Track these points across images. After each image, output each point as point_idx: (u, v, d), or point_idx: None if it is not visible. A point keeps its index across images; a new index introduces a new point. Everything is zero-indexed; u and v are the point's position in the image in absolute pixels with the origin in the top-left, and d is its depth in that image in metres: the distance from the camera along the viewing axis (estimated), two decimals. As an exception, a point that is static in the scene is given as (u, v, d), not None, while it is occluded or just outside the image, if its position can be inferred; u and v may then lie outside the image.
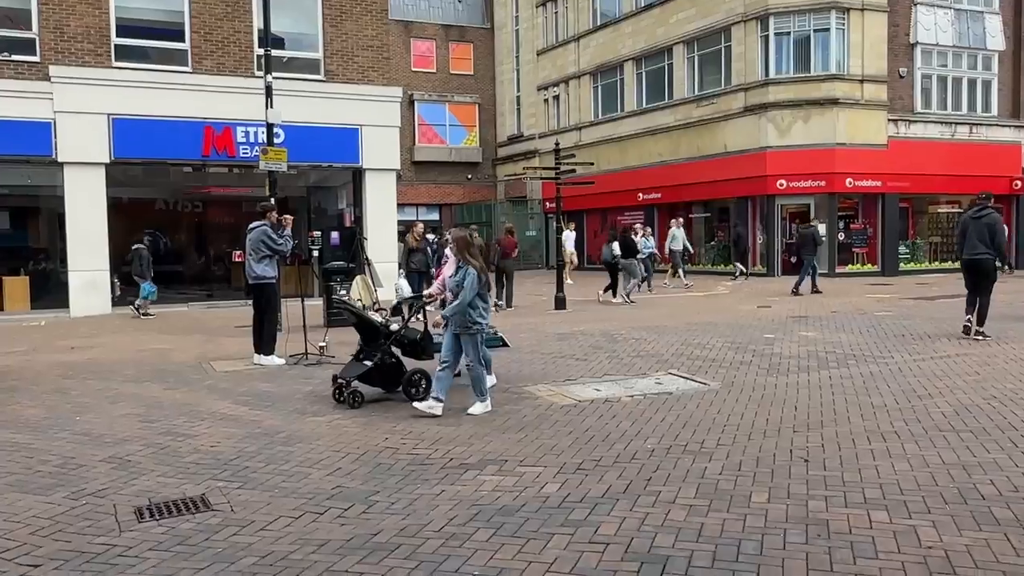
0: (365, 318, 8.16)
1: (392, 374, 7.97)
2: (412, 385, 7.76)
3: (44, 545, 4.42)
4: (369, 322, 8.11)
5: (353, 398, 7.61)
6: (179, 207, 23.10)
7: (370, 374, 7.82)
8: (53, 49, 17.05)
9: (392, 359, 8.03)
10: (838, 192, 24.90)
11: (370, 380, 7.84)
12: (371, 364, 7.81)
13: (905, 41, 25.68)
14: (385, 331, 8.02)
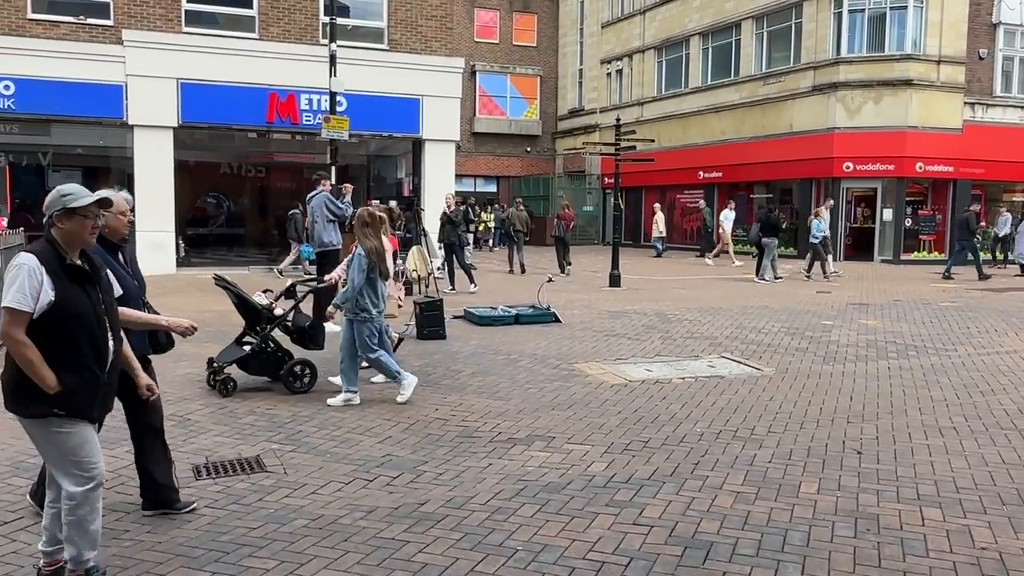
0: (245, 299, 7.40)
1: (272, 362, 7.32)
2: (293, 376, 7.09)
3: (107, 496, 4.57)
4: (250, 304, 7.40)
5: (224, 385, 7.01)
6: (242, 171, 23.58)
7: (247, 360, 7.24)
8: (126, 13, 17.43)
9: (272, 346, 7.38)
10: (907, 177, 24.12)
11: (247, 367, 7.28)
12: (248, 350, 7.23)
13: (987, 21, 24.60)
14: (267, 315, 7.37)
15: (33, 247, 3.41)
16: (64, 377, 3.31)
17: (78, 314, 3.35)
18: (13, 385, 3.38)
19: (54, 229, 3.40)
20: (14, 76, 16.61)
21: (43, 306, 3.27)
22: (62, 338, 3.33)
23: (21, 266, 3.28)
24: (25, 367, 3.28)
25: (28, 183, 19.64)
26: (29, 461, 5.18)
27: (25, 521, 4.25)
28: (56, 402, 3.32)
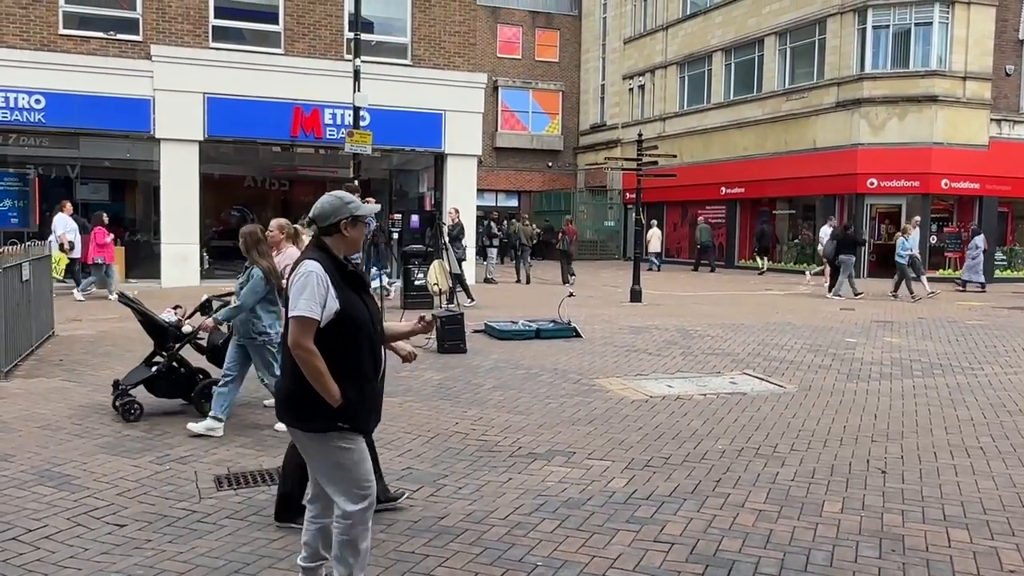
0: (150, 317, 6.92)
1: (182, 383, 6.88)
2: (205, 397, 6.58)
3: (130, 506, 4.64)
4: (155, 322, 6.91)
5: (128, 410, 6.51)
6: (266, 185, 23.82)
7: (154, 382, 6.79)
8: (155, 29, 17.72)
9: (182, 366, 6.96)
10: (932, 193, 23.91)
11: (154, 389, 6.82)
12: (155, 370, 6.80)
13: (1013, 37, 24.40)
14: (175, 333, 6.93)
15: (312, 255, 3.29)
16: (347, 389, 3.20)
17: (361, 323, 3.26)
18: (295, 398, 3.25)
19: (336, 236, 3.32)
20: (45, 90, 16.91)
21: (329, 315, 3.17)
22: (345, 348, 3.22)
23: (309, 274, 3.18)
24: (314, 378, 3.15)
25: (56, 195, 19.94)
26: (54, 470, 5.23)
27: (50, 529, 4.29)
28: (340, 416, 3.20)
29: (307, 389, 3.18)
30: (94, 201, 20.67)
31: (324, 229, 3.33)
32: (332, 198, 3.37)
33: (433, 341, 10.11)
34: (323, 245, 3.32)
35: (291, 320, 3.16)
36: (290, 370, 3.26)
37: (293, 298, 3.18)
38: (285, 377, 3.33)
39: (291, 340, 3.15)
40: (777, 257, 27.85)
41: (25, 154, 18.31)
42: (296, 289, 3.18)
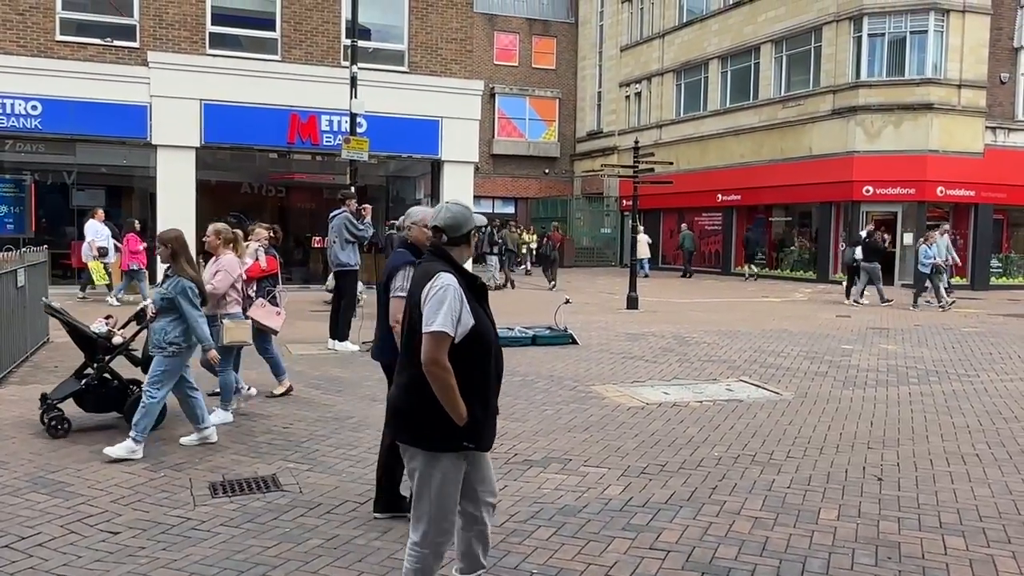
0: (77, 328, 6.56)
1: (113, 396, 6.49)
2: None
3: (124, 513, 4.62)
4: (83, 333, 6.55)
5: (55, 425, 6.14)
6: (263, 191, 23.76)
7: (83, 396, 6.41)
8: (152, 36, 17.73)
9: (114, 379, 6.56)
10: (928, 201, 23.98)
11: (83, 403, 6.44)
12: (84, 384, 6.43)
13: (1008, 45, 24.51)
14: (104, 344, 6.55)
15: (444, 267, 3.15)
16: (474, 407, 3.08)
17: (489, 338, 3.15)
18: (416, 415, 3.12)
19: (463, 247, 3.24)
20: (41, 96, 16.91)
21: (465, 330, 3.06)
22: (474, 364, 3.10)
23: (447, 287, 3.05)
24: (444, 395, 3.02)
25: (52, 201, 19.92)
26: (48, 477, 5.21)
27: (43, 536, 4.27)
28: (467, 435, 3.09)
29: (431, 406, 3.06)
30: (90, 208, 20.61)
31: (454, 239, 3.23)
32: (461, 208, 3.27)
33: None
34: (447, 256, 3.20)
35: (427, 336, 3.01)
36: (413, 386, 3.12)
37: (429, 312, 3.03)
38: (405, 393, 3.18)
39: (426, 356, 3.00)
40: (774, 264, 27.94)
41: (21, 160, 18.28)
42: (433, 303, 3.03)
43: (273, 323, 7.62)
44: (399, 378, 3.26)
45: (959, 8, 23.47)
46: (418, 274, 3.21)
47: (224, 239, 6.87)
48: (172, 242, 5.94)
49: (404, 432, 3.21)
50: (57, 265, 16.90)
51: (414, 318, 3.13)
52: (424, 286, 3.10)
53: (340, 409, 7.26)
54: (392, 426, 3.27)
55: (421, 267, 3.25)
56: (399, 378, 3.26)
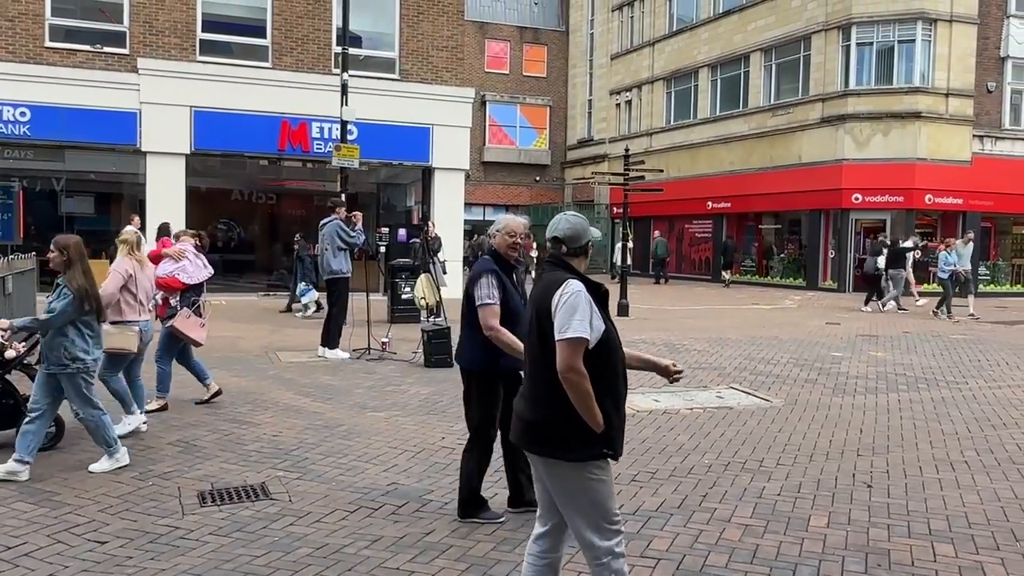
0: None
1: (7, 413, 6.02)
2: None
3: (111, 522, 4.59)
4: None
5: None
6: (253, 198, 23.75)
7: None
8: (142, 42, 17.69)
9: (8, 395, 6.04)
10: (916, 208, 24.13)
11: None
12: None
13: (995, 54, 24.72)
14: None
15: (568, 274, 3.15)
16: (609, 413, 3.04)
17: (617, 344, 3.12)
18: (556, 425, 3.06)
19: (582, 258, 3.24)
20: (30, 103, 16.84)
21: (597, 336, 3.03)
22: (605, 370, 3.07)
23: (578, 293, 3.02)
24: (582, 401, 2.98)
25: (41, 208, 19.84)
26: (35, 486, 5.17)
27: (30, 546, 4.23)
28: (605, 443, 3.04)
29: (570, 415, 3.01)
30: (79, 215, 20.55)
31: (573, 250, 3.23)
32: (578, 219, 3.27)
33: (420, 355, 10.08)
34: (568, 266, 3.20)
35: (563, 343, 2.97)
36: (548, 396, 3.07)
37: (563, 319, 2.99)
38: (541, 404, 3.12)
39: (563, 363, 2.96)
40: (763, 271, 28.06)
41: (10, 167, 18.19)
42: (566, 310, 3.00)
43: (196, 335, 7.41)
44: (529, 390, 3.21)
45: (946, 18, 23.66)
46: (544, 283, 3.19)
47: (129, 244, 6.56)
48: (69, 249, 5.44)
49: (541, 445, 3.13)
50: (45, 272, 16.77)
51: (543, 328, 3.10)
52: (553, 294, 3.08)
53: (330, 417, 7.23)
54: (527, 440, 3.19)
55: (546, 277, 3.22)
56: (529, 390, 3.21)
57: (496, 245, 4.71)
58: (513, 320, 4.50)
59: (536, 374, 3.16)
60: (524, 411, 3.22)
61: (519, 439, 3.24)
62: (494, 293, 4.54)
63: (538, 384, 3.14)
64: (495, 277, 4.58)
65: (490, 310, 4.52)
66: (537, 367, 3.15)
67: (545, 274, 3.24)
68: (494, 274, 4.59)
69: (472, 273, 4.70)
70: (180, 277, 7.41)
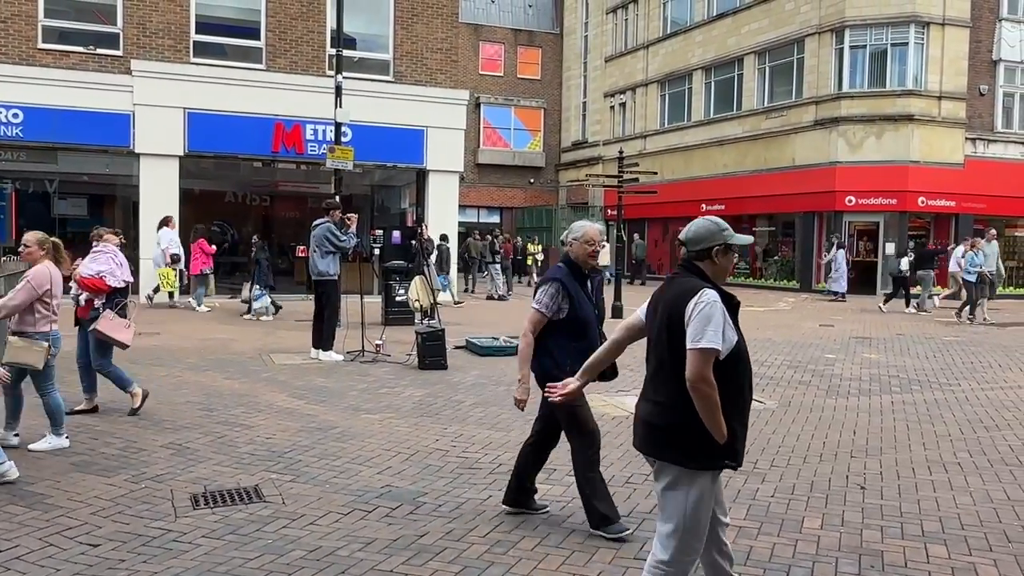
0: None
1: None
2: None
3: (104, 525, 4.57)
4: None
5: None
6: (247, 200, 23.69)
7: None
8: (135, 44, 17.65)
9: None
10: (909, 211, 24.22)
11: None
12: None
13: (987, 58, 24.84)
14: None
15: (701, 282, 3.14)
16: (733, 424, 3.05)
17: (745, 356, 3.12)
18: (682, 432, 3.06)
19: (707, 262, 3.19)
20: (23, 104, 16.79)
21: (729, 347, 3.04)
22: (732, 381, 3.07)
23: (713, 304, 3.02)
24: (709, 412, 2.99)
25: (34, 210, 19.75)
26: (26, 489, 5.14)
27: (21, 549, 4.21)
28: (728, 454, 3.07)
29: (696, 424, 3.01)
30: (72, 216, 20.48)
31: (696, 253, 3.20)
32: (709, 223, 3.24)
33: (414, 357, 10.07)
34: (698, 271, 3.19)
35: (695, 352, 2.97)
36: (674, 403, 3.08)
37: (696, 329, 2.99)
38: (668, 410, 3.12)
39: (694, 374, 2.96)
40: (757, 273, 28.11)
41: (3, 168, 18.13)
42: (700, 319, 3.00)
43: (122, 336, 7.09)
44: (655, 395, 3.20)
45: (939, 21, 23.77)
46: (677, 289, 3.16)
47: (47, 250, 6.12)
48: None
49: (662, 449, 3.15)
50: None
51: (674, 335, 3.08)
52: (687, 302, 3.06)
53: (324, 419, 7.22)
54: (648, 443, 3.20)
55: (679, 283, 3.19)
56: (655, 395, 3.20)
57: (573, 253, 4.60)
58: (581, 331, 4.45)
59: (663, 380, 3.15)
60: (649, 415, 3.21)
61: (641, 443, 3.24)
62: (548, 303, 4.47)
63: (664, 390, 3.15)
64: (559, 287, 4.49)
65: (533, 314, 4.52)
66: (664, 373, 3.15)
67: (677, 279, 3.23)
68: (558, 284, 4.50)
69: (543, 277, 4.66)
70: (108, 279, 7.13)
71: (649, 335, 3.31)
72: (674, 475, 3.11)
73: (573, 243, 4.61)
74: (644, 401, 3.28)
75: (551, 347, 4.51)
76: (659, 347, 3.18)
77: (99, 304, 7.13)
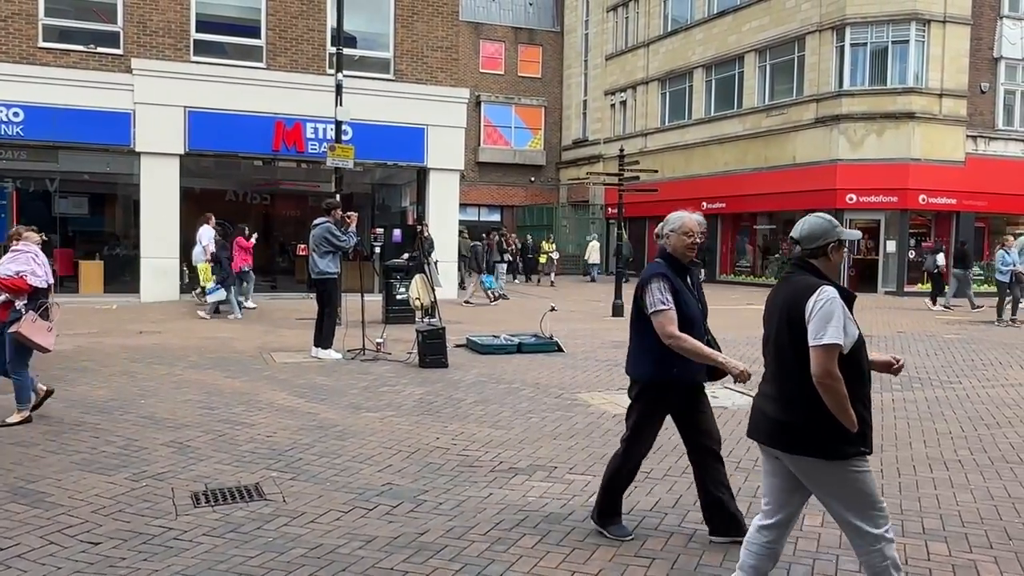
0: None
1: None
2: None
3: (104, 524, 4.57)
4: None
5: None
6: (248, 199, 23.70)
7: None
8: (136, 43, 17.65)
9: None
10: (910, 209, 24.21)
11: None
12: None
13: (988, 55, 24.83)
14: None
15: (818, 279, 3.22)
16: (861, 413, 3.16)
17: (863, 345, 3.23)
18: (814, 427, 3.15)
19: (822, 259, 3.28)
20: (23, 103, 16.79)
21: (852, 340, 3.14)
22: (855, 372, 3.18)
23: (833, 300, 3.12)
24: (839, 404, 3.08)
25: (35, 209, 19.76)
26: (28, 487, 5.15)
27: (22, 547, 4.21)
28: (860, 441, 3.17)
29: (827, 417, 3.11)
30: (73, 215, 20.50)
31: (810, 251, 3.29)
32: (822, 220, 3.33)
33: (414, 356, 10.07)
34: (813, 268, 3.28)
35: (818, 349, 3.07)
36: (801, 399, 3.17)
37: (818, 325, 3.09)
38: (796, 406, 3.21)
39: (820, 369, 3.07)
40: (759, 271, 28.11)
41: (3, 167, 18.14)
42: (821, 316, 3.10)
43: (44, 340, 6.84)
44: (778, 392, 3.28)
45: (940, 19, 23.75)
46: (795, 287, 3.24)
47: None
48: None
49: (799, 445, 3.22)
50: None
51: (795, 332, 3.17)
52: (807, 299, 3.16)
53: (324, 418, 7.22)
54: (780, 440, 3.29)
55: (795, 281, 3.28)
56: (778, 392, 3.28)
57: (671, 246, 4.35)
58: (687, 328, 4.21)
59: (786, 376, 3.24)
60: (775, 412, 3.30)
61: (769, 439, 3.33)
62: (667, 298, 4.20)
63: (789, 386, 3.23)
64: (666, 281, 4.24)
65: (666, 316, 4.18)
66: (786, 370, 3.24)
67: (793, 277, 3.33)
68: (664, 278, 4.25)
69: (641, 277, 4.37)
70: (29, 279, 6.77)
71: (766, 336, 3.43)
72: (817, 469, 3.22)
73: (670, 235, 4.35)
74: (766, 398, 3.37)
75: (655, 347, 4.25)
76: (780, 345, 3.28)
77: (20, 306, 6.78)
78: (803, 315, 3.15)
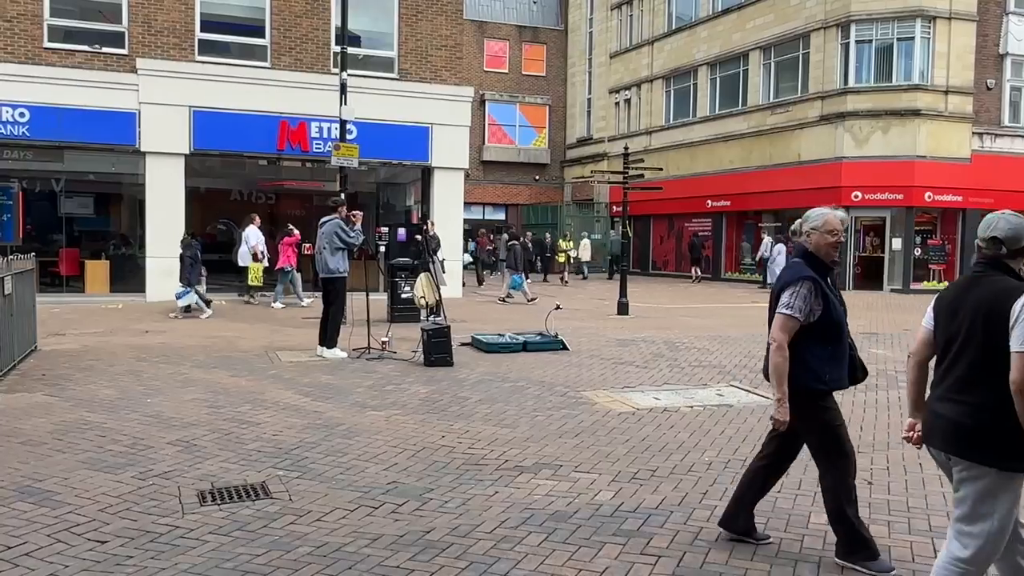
0: None
1: None
2: None
3: (111, 522, 4.59)
4: None
5: None
6: (253, 198, 23.73)
7: None
8: (140, 43, 17.69)
9: None
10: (916, 206, 24.15)
11: None
12: None
13: (994, 52, 24.74)
14: None
15: (1018, 282, 3.10)
16: None
17: None
18: (999, 434, 3.02)
19: (1018, 260, 3.15)
20: (29, 103, 16.84)
21: None
22: None
23: None
24: None
25: (41, 209, 19.83)
26: (35, 486, 5.17)
27: (30, 546, 4.23)
28: None
29: (1013, 426, 2.97)
30: (78, 215, 20.55)
31: (1012, 252, 3.14)
32: (1020, 219, 3.17)
33: (420, 354, 10.08)
34: (1009, 269, 3.14)
35: (1020, 355, 2.92)
36: (991, 406, 3.04)
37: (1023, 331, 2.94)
38: (986, 412, 3.07)
39: (1020, 377, 2.90)
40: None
41: (9, 168, 18.19)
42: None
43: None
44: (964, 395, 3.15)
45: (945, 15, 23.68)
46: (995, 289, 3.11)
47: None
48: None
49: (972, 451, 3.11)
50: (45, 273, 16.82)
51: (992, 335, 3.03)
52: (1011, 302, 3.00)
53: (330, 416, 7.23)
54: (955, 444, 3.17)
55: (992, 281, 3.14)
56: (964, 395, 3.15)
57: (812, 245, 4.07)
58: (836, 335, 4.00)
59: (977, 381, 3.11)
60: (958, 415, 3.16)
61: (943, 442, 3.21)
62: (802, 306, 3.93)
63: (980, 391, 3.10)
64: (813, 287, 3.95)
65: (786, 321, 3.95)
66: (978, 374, 3.10)
67: (987, 278, 3.18)
68: (812, 283, 3.95)
69: (785, 277, 4.10)
70: None
71: (949, 337, 3.24)
72: (988, 477, 3.08)
73: (812, 233, 4.07)
74: (946, 401, 3.22)
75: (805, 357, 3.99)
76: (970, 348, 3.13)
77: None
78: (1006, 318, 2.98)
